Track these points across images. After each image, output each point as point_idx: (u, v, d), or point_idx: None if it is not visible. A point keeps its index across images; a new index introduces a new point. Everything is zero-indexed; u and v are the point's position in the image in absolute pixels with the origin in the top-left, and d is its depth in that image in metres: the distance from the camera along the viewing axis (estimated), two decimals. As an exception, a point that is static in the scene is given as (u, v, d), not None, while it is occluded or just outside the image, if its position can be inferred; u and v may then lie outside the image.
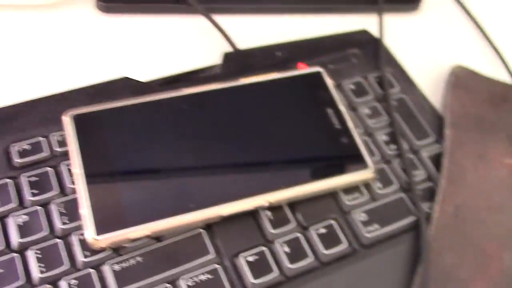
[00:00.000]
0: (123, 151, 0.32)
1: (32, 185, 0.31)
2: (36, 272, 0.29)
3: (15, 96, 0.36)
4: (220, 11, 0.43)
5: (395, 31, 0.45)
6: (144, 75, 0.38)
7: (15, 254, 0.29)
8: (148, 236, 0.30)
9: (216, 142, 0.33)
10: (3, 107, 0.34)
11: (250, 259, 0.31)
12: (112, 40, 0.42)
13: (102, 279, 0.29)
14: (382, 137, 0.37)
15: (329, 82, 0.37)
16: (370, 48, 0.42)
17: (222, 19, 0.43)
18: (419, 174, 0.36)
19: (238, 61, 0.39)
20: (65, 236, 0.30)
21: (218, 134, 0.33)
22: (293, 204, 0.33)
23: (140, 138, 0.33)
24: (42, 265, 0.29)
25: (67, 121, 0.32)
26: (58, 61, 0.40)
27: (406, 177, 0.35)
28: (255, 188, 0.32)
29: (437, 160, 0.36)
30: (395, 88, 0.40)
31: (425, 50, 0.45)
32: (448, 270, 0.32)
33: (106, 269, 0.29)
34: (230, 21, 0.43)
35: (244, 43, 0.41)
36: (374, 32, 0.43)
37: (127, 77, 0.37)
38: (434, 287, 0.32)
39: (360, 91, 0.39)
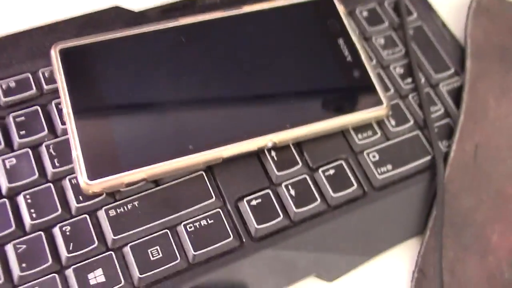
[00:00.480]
0: (116, 88, 0.29)
1: (20, 125, 0.29)
2: (27, 218, 0.27)
3: (-2, 28, 0.33)
4: None
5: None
6: (137, 3, 0.35)
7: (5, 200, 0.28)
8: (144, 180, 0.28)
9: (217, 77, 0.30)
10: (-15, 41, 0.32)
11: (254, 203, 0.29)
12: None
13: (97, 225, 0.28)
14: (397, 69, 0.34)
15: (341, 9, 0.34)
16: (386, -29, 0.38)
17: None
18: (437, 110, 0.33)
19: (241, -14, 0.36)
20: (57, 180, 0.28)
21: (218, 68, 0.31)
22: (300, 144, 0.31)
23: (134, 73, 0.30)
24: (34, 211, 0.27)
25: (54, 55, 0.30)
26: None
27: (422, 113, 0.33)
28: (259, 127, 0.29)
29: (456, 94, 0.34)
30: (412, 15, 0.36)
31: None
32: (464, 212, 0.30)
33: (101, 215, 0.28)
34: None
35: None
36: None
37: (118, 6, 0.34)
38: (450, 231, 0.30)
39: (374, 18, 0.35)
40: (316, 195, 0.29)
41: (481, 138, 0.32)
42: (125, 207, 0.28)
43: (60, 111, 0.30)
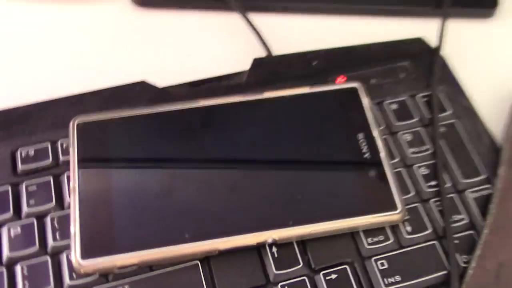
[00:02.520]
0: (122, 168, 0.30)
1: (31, 194, 0.30)
2: (19, 290, 0.27)
3: (29, 96, 0.34)
4: (257, 9, 0.40)
5: (459, 42, 0.39)
6: (165, 78, 0.35)
7: (3, 268, 0.28)
8: (137, 265, 0.28)
9: (223, 165, 0.30)
10: (15, 108, 0.33)
11: (247, 302, 0.28)
12: (141, 37, 0.39)
13: (85, 306, 0.27)
14: (421, 170, 0.32)
15: (366, 101, 0.33)
16: (424, 61, 0.36)
17: (258, 19, 0.39)
18: (460, 220, 0.30)
19: (268, 68, 0.36)
20: (55, 254, 0.29)
21: (226, 156, 0.30)
22: (305, 243, 0.29)
23: (143, 155, 0.30)
24: (28, 283, 0.28)
25: (72, 128, 0.31)
26: (77, 59, 0.38)
27: (443, 222, 0.30)
28: (260, 222, 0.28)
29: (485, 204, 0.31)
30: (447, 112, 0.34)
31: (494, 67, 0.39)
32: None
33: (91, 296, 0.28)
34: (267, 21, 0.40)
35: (280, 46, 0.37)
36: (434, 41, 0.37)
37: (144, 81, 0.35)
38: None
39: (403, 112, 0.34)
40: (313, 300, 0.28)
41: (507, 257, 0.29)
42: (115, 290, 0.28)
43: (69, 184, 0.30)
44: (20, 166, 0.31)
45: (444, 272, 0.29)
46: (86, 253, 0.27)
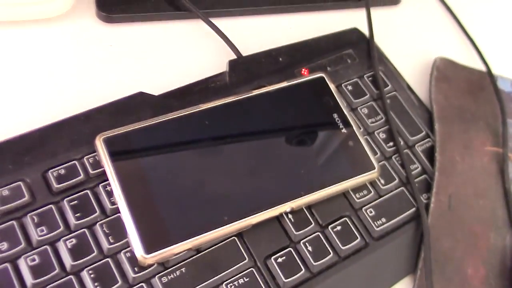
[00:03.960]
0: (156, 169, 0.35)
1: (75, 209, 0.34)
2: (95, 292, 0.32)
3: (33, 120, 0.37)
4: (215, 14, 0.45)
5: (379, 26, 0.49)
6: (156, 86, 0.40)
7: (71, 276, 0.32)
8: (190, 249, 0.33)
9: (240, 155, 0.36)
10: (31, 132, 0.36)
11: (280, 260, 0.35)
12: (118, 52, 0.43)
13: (154, 292, 0.33)
14: (380, 135, 0.41)
15: (332, 86, 0.41)
16: (362, 48, 0.45)
17: (219, 23, 0.44)
18: (415, 168, 0.40)
19: (243, 68, 0.42)
20: (113, 255, 0.33)
21: (240, 147, 0.37)
22: (311, 206, 0.37)
23: (171, 154, 0.35)
24: (98, 284, 0.32)
25: (99, 144, 0.35)
26: (66, 77, 0.41)
27: (404, 172, 0.40)
28: (280, 196, 0.35)
29: (430, 153, 0.41)
30: (388, 86, 0.43)
31: (411, 44, 0.49)
32: (445, 251, 0.38)
33: (156, 282, 0.33)
34: (226, 24, 0.45)
35: (242, 46, 0.44)
36: (363, 28, 0.46)
37: (142, 92, 0.39)
38: (435, 267, 0.37)
39: (357, 91, 0.42)
40: (329, 249, 0.36)
41: (453, 189, 0.40)
42: (174, 274, 0.33)
43: (107, 193, 0.34)
44: (55, 186, 0.34)
45: (414, 209, 0.39)
46: (149, 248, 0.32)
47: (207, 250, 0.34)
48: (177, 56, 0.44)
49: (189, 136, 0.36)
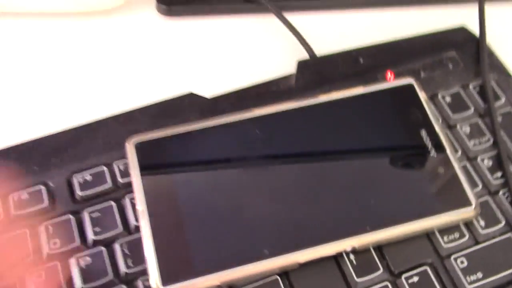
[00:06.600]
0: (189, 185, 0.29)
1: (95, 222, 0.29)
2: (100, 324, 0.27)
3: (74, 117, 0.33)
4: (291, 8, 0.39)
5: (493, 25, 0.39)
6: (211, 88, 0.35)
7: (80, 302, 0.27)
8: (218, 286, 0.27)
9: (293, 176, 0.29)
10: (63, 132, 0.32)
11: (333, 313, 0.27)
12: (176, 47, 0.38)
13: (169, 333, 0.27)
14: (485, 162, 0.32)
15: (423, 95, 0.32)
16: (470, 50, 0.36)
17: (293, 18, 0.38)
18: (532, 209, 0.30)
19: (315, 70, 0.35)
20: (130, 282, 0.28)
21: (295, 165, 0.30)
22: (381, 247, 0.29)
23: (209, 170, 0.29)
24: (107, 315, 0.27)
25: (129, 149, 0.30)
26: (117, 74, 0.37)
27: (515, 213, 0.30)
28: (338, 230, 0.28)
29: (554, 191, 0.31)
30: (500, 100, 0.34)
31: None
32: None
33: (174, 322, 0.27)
34: (303, 20, 0.39)
35: (319, 45, 0.37)
36: (474, 28, 0.37)
37: (192, 93, 0.34)
38: None
39: (458, 104, 0.33)
40: (400, 305, 0.27)
41: None
42: (197, 313, 0.27)
43: (134, 207, 0.29)
44: (79, 193, 0.30)
45: (525, 264, 0.29)
46: (167, 279, 0.26)
47: (241, 289, 0.28)
48: (240, 54, 0.38)
49: (234, 147, 0.30)
